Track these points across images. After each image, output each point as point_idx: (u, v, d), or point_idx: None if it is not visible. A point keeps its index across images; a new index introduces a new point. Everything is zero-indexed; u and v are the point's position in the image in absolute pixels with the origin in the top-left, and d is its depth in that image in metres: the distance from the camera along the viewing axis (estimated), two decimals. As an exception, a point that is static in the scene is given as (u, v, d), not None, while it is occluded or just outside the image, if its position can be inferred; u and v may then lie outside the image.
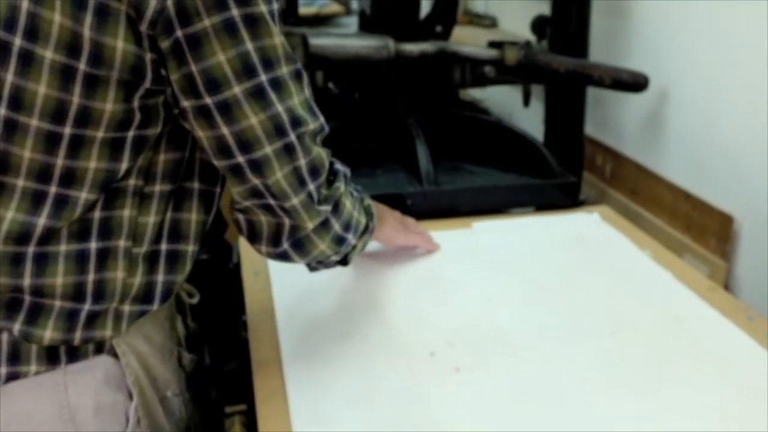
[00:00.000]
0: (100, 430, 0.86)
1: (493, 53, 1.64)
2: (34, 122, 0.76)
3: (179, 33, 0.75)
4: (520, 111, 1.86)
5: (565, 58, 1.62)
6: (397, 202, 1.42)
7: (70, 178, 0.79)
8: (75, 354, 0.85)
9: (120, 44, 0.74)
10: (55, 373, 0.84)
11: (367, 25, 1.73)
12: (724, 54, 1.44)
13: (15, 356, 0.83)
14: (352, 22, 3.12)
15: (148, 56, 0.76)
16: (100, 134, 0.78)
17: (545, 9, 1.74)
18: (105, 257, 0.84)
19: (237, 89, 0.78)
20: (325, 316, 1.14)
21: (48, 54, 0.74)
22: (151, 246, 0.87)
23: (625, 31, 1.76)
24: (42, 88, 0.75)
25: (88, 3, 0.73)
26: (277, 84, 0.81)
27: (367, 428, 0.89)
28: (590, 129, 1.79)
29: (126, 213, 0.84)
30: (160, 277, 0.88)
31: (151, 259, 0.88)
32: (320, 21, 3.66)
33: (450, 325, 1.11)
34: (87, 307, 0.83)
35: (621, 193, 1.80)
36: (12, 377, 0.83)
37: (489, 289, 1.21)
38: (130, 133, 0.80)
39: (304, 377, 0.99)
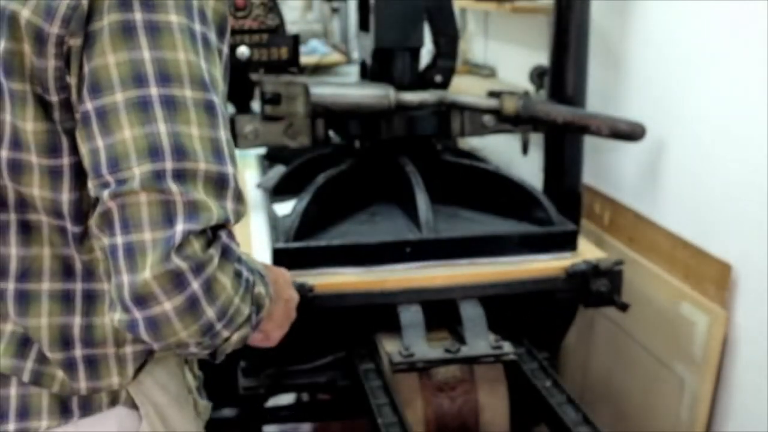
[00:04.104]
0: None
1: (491, 103, 1.66)
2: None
3: (87, 29, 0.70)
4: (519, 159, 1.88)
5: (563, 107, 1.64)
6: (396, 249, 1.44)
7: (23, 204, 0.77)
8: (88, 406, 0.81)
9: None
10: (66, 427, 0.80)
11: (368, 75, 1.75)
12: (721, 104, 1.46)
13: (24, 411, 0.79)
14: (353, 71, 3.16)
15: (52, 63, 0.71)
16: (34, 159, 0.74)
17: (543, 59, 1.77)
18: (91, 300, 0.79)
19: (119, 96, 0.70)
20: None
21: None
22: None
23: (623, 81, 1.78)
24: None
25: None
26: (171, 103, 0.71)
27: None
28: (588, 177, 1.80)
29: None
30: None
31: None
32: (321, 70, 3.71)
33: None
34: (79, 352, 0.79)
35: (619, 241, 1.80)
36: None
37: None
38: (65, 160, 0.75)
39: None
